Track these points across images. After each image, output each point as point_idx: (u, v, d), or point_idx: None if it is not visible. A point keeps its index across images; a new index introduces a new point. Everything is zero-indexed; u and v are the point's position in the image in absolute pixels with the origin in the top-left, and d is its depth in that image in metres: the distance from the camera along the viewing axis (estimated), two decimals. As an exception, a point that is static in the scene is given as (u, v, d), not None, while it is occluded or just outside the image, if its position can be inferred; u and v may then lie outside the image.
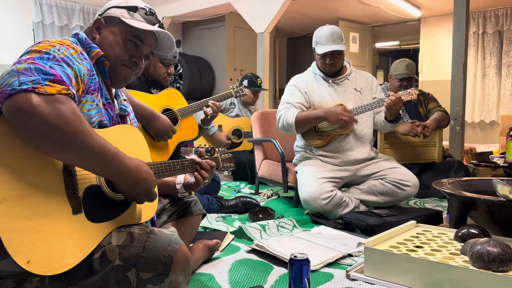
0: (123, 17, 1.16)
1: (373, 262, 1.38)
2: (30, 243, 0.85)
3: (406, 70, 3.07)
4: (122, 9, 1.17)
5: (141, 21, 1.18)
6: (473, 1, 3.89)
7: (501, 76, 5.78)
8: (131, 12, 1.18)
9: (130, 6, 1.18)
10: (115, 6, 1.18)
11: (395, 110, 2.29)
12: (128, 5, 1.18)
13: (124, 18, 1.16)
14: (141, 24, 1.16)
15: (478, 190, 1.90)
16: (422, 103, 3.21)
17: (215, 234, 1.92)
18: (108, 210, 1.06)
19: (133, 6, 1.19)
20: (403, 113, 3.16)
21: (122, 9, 1.17)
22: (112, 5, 1.19)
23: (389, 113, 2.33)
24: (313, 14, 6.18)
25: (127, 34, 1.15)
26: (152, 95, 2.01)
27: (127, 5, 1.18)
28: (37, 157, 0.90)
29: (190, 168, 1.40)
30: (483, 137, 6.02)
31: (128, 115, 1.26)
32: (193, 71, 5.94)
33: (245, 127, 3.78)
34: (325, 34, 2.40)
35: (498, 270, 1.20)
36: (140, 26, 1.15)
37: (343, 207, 2.26)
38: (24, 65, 0.88)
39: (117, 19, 1.16)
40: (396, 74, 3.10)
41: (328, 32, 2.40)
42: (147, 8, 1.21)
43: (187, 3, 5.66)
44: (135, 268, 0.99)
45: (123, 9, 1.17)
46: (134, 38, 1.16)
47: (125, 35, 1.15)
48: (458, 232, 1.53)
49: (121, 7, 1.18)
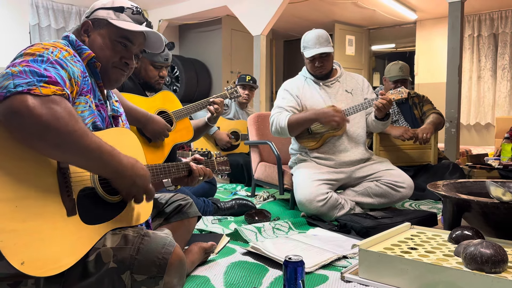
0: (110, 19, 1.16)
1: (368, 264, 1.39)
2: (24, 245, 0.85)
3: (400, 72, 3.09)
4: (108, 10, 1.17)
5: (128, 21, 1.18)
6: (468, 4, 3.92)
7: (496, 79, 5.82)
8: (117, 13, 1.18)
9: (116, 7, 1.18)
10: (101, 8, 1.18)
11: (385, 111, 2.32)
12: (114, 6, 1.18)
13: (111, 19, 1.16)
14: (129, 24, 1.17)
15: (472, 192, 1.91)
16: (417, 106, 3.23)
17: (211, 237, 1.92)
18: (103, 212, 1.06)
19: (119, 6, 1.19)
20: (399, 116, 3.17)
21: (109, 10, 1.17)
22: (98, 6, 1.19)
23: (379, 113, 2.35)
24: (310, 17, 6.21)
25: (115, 36, 1.16)
26: (146, 97, 2.02)
27: (113, 5, 1.18)
28: (31, 159, 0.91)
29: (185, 171, 1.41)
30: (478, 139, 6.05)
31: (120, 116, 1.26)
32: (190, 73, 5.95)
33: (243, 130, 3.78)
34: (312, 38, 2.42)
35: (491, 271, 1.21)
36: (127, 27, 1.15)
37: (338, 209, 2.26)
38: (19, 68, 0.89)
39: (104, 21, 1.16)
40: (390, 76, 3.13)
41: (314, 35, 2.42)
42: (133, 7, 1.21)
43: (184, 6, 5.67)
44: (130, 271, 1.00)
45: (109, 10, 1.17)
46: (123, 39, 1.16)
47: (113, 37, 1.16)
48: (452, 234, 1.54)
49: (107, 8, 1.18)
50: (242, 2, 5.01)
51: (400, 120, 3.17)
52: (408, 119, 3.17)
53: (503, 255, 1.23)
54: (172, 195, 1.56)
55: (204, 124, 2.25)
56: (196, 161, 1.52)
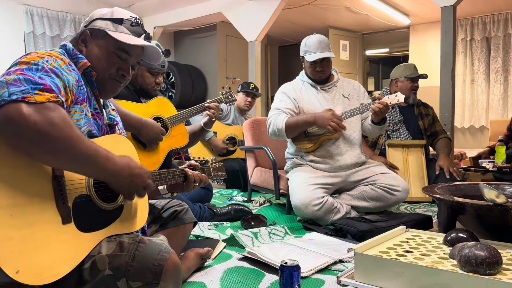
0: (108, 30, 1.16)
1: (364, 267, 1.40)
2: (19, 253, 0.85)
3: (415, 70, 3.14)
4: (107, 21, 1.17)
5: (127, 33, 1.18)
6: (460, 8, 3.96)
7: (489, 82, 5.87)
8: (115, 25, 1.17)
9: (115, 18, 1.18)
10: (100, 18, 1.18)
11: (382, 116, 2.34)
12: (113, 17, 1.18)
13: (109, 31, 1.16)
14: (127, 37, 1.16)
15: (466, 194, 1.93)
16: (423, 117, 3.18)
17: (207, 242, 1.92)
18: (98, 219, 1.06)
19: (118, 18, 1.18)
20: (400, 125, 3.15)
21: (107, 21, 1.17)
22: (97, 16, 1.19)
23: (376, 117, 2.37)
24: (304, 23, 6.25)
25: (113, 47, 1.15)
26: (141, 104, 2.02)
27: (112, 17, 1.18)
28: (26, 166, 0.91)
29: (180, 178, 1.42)
30: (473, 142, 6.09)
31: (117, 124, 1.26)
32: (186, 79, 5.96)
33: (240, 136, 3.79)
34: (314, 43, 2.45)
35: (486, 273, 1.22)
36: (125, 40, 1.15)
37: (334, 213, 2.27)
38: (14, 76, 0.89)
39: (102, 31, 1.16)
40: (407, 75, 3.12)
41: (316, 40, 2.46)
42: (132, 18, 1.20)
43: (178, 13, 5.69)
44: (125, 278, 1.00)
45: (108, 21, 1.17)
46: (120, 51, 1.16)
47: (111, 48, 1.15)
48: (447, 237, 1.54)
49: (106, 18, 1.17)
50: (237, 9, 5.03)
51: (401, 129, 3.13)
52: (410, 128, 3.14)
53: (497, 257, 1.24)
54: (168, 201, 1.56)
55: (200, 129, 2.26)
56: (192, 167, 1.52)
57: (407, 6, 5.55)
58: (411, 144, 3.05)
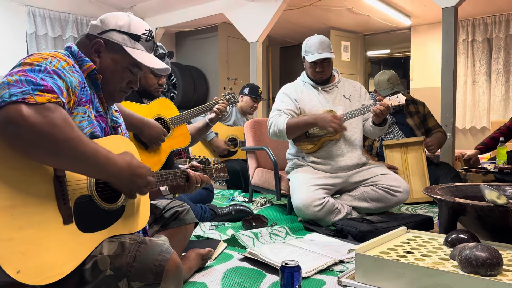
0: (126, 46, 1.16)
1: (364, 268, 1.40)
2: (20, 253, 0.85)
3: (390, 85, 3.06)
4: (124, 35, 1.17)
5: (142, 50, 1.19)
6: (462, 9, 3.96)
7: (491, 83, 5.86)
8: (132, 41, 1.18)
9: (133, 34, 1.18)
10: (117, 30, 1.16)
11: (383, 117, 2.34)
12: (130, 32, 1.17)
13: (126, 47, 1.16)
14: (143, 57, 1.17)
15: (467, 195, 1.92)
16: (412, 115, 3.19)
17: (208, 243, 1.92)
18: (100, 220, 1.07)
19: (135, 34, 1.18)
20: (393, 127, 3.17)
21: (124, 36, 1.17)
22: (113, 27, 1.17)
23: (377, 118, 2.37)
24: (305, 24, 6.25)
25: (128, 64, 1.17)
26: (143, 104, 2.03)
27: (129, 31, 1.17)
28: (28, 167, 0.91)
29: (182, 178, 1.42)
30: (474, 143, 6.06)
31: (120, 126, 1.27)
32: (187, 80, 5.96)
33: (241, 136, 3.79)
34: (315, 43, 2.45)
35: (486, 274, 1.22)
36: (144, 61, 1.16)
37: (335, 214, 2.27)
38: (15, 77, 0.90)
39: (119, 46, 1.16)
40: (380, 90, 3.10)
41: (317, 41, 2.46)
42: (146, 32, 1.21)
43: (180, 14, 5.69)
44: (126, 278, 1.00)
45: (125, 36, 1.17)
46: (133, 66, 1.18)
47: (125, 64, 1.17)
48: (448, 238, 1.54)
49: (123, 32, 1.17)
50: (238, 10, 5.04)
51: (394, 130, 3.16)
52: (403, 128, 3.16)
53: (498, 258, 1.24)
54: (169, 202, 1.56)
55: (205, 125, 2.27)
56: (194, 168, 1.52)
57: (408, 7, 5.54)
58: (409, 142, 3.04)
